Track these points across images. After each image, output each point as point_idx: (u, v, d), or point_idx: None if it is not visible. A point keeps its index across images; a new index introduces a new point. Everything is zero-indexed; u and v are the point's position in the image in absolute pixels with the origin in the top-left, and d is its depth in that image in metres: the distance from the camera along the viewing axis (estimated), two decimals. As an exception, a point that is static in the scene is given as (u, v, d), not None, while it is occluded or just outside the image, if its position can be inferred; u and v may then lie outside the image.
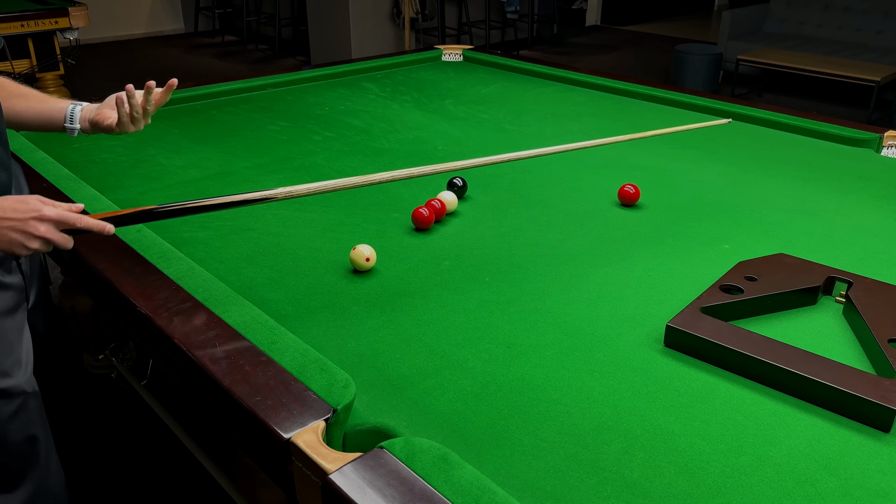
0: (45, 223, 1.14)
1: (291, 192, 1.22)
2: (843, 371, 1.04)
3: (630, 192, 1.70)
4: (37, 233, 1.14)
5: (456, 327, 1.22)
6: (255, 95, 2.57)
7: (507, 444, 0.96)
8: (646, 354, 1.15)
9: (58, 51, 4.21)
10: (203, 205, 1.19)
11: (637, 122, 2.34)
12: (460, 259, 1.46)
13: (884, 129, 2.13)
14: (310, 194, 1.23)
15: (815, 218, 1.65)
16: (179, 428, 1.80)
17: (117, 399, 2.26)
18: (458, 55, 3.14)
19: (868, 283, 1.28)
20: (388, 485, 0.81)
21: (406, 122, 2.34)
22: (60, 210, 1.16)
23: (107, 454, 2.08)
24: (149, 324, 1.15)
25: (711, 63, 5.64)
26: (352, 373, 1.05)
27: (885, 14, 5.99)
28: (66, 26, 4.10)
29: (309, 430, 0.90)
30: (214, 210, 1.20)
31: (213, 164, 1.95)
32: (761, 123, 2.29)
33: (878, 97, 5.10)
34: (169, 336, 1.10)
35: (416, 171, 1.31)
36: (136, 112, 1.32)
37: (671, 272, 1.41)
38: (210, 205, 1.19)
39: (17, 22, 3.93)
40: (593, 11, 9.15)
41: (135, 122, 1.33)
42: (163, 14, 8.07)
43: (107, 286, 1.27)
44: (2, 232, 1.12)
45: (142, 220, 1.24)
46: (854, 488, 0.89)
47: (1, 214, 1.11)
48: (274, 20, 7.15)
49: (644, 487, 0.88)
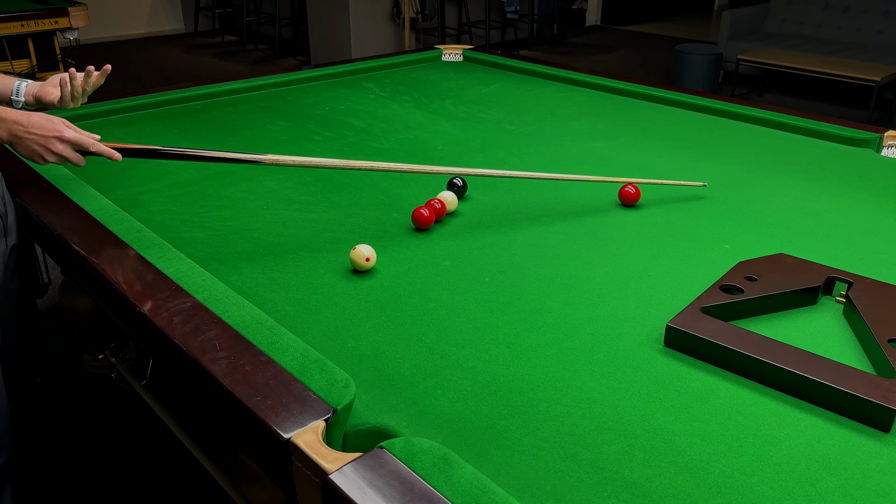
0: (64, 143, 1.40)
1: (278, 160, 1.44)
2: (843, 371, 1.04)
3: (631, 192, 1.70)
4: (55, 150, 1.40)
5: (456, 327, 1.22)
6: (255, 95, 2.57)
7: (507, 444, 0.96)
8: (646, 354, 1.15)
9: (58, 51, 4.21)
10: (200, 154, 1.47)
11: (637, 122, 2.34)
12: (460, 259, 1.46)
13: (884, 129, 2.13)
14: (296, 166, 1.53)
15: (815, 218, 1.65)
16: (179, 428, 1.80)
17: (117, 399, 2.26)
18: (458, 55, 3.14)
19: (868, 283, 1.28)
20: (388, 485, 0.81)
21: (406, 122, 2.34)
22: (78, 134, 1.41)
23: (107, 454, 2.08)
24: (149, 324, 1.15)
25: (711, 63, 5.64)
26: (352, 373, 1.05)
27: (885, 14, 5.99)
28: (66, 26, 4.10)
29: (309, 430, 0.90)
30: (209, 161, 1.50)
31: (212, 164, 1.95)
32: (761, 123, 2.29)
33: (878, 97, 5.10)
34: (169, 336, 1.10)
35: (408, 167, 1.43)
36: (77, 92, 1.56)
37: (671, 272, 1.41)
38: (205, 156, 1.47)
39: (17, 22, 3.94)
40: (593, 11, 9.15)
41: (74, 100, 1.57)
42: (163, 14, 8.07)
43: (107, 286, 1.27)
44: (27, 142, 1.38)
45: (146, 156, 1.49)
46: (854, 488, 0.89)
47: (29, 127, 1.37)
48: (274, 20, 7.15)
49: (644, 487, 0.88)
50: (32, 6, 4.16)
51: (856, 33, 6.16)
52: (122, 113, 2.31)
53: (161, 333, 1.12)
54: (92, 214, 1.50)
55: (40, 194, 1.60)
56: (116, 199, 1.66)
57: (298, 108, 2.44)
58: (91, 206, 1.54)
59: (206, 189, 1.79)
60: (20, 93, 1.59)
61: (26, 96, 1.59)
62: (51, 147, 1.40)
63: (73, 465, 2.04)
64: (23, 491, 1.94)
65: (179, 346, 1.08)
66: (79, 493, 1.95)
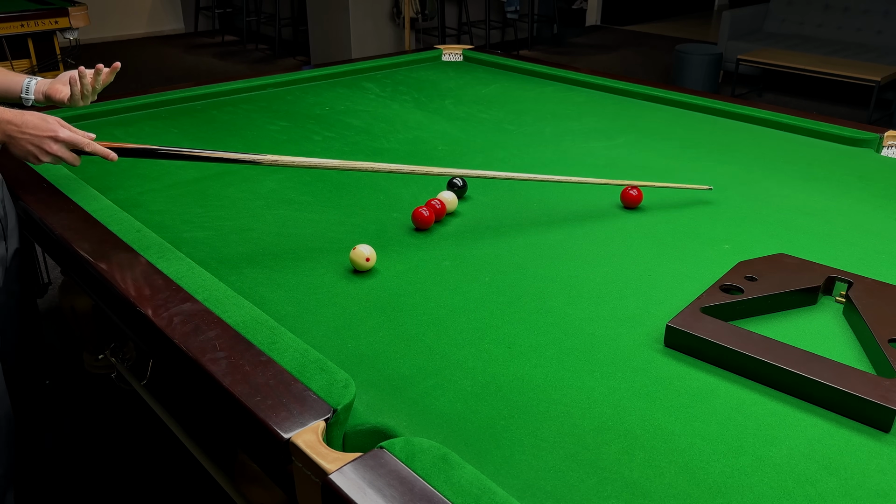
0: (59, 143, 1.37)
1: (277, 160, 1.42)
2: (843, 371, 1.04)
3: (633, 195, 1.70)
4: (50, 150, 1.38)
5: (456, 327, 1.22)
6: (255, 95, 2.57)
7: (507, 444, 0.96)
8: (646, 354, 1.15)
9: (58, 51, 4.21)
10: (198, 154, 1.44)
11: (637, 122, 2.34)
12: (460, 259, 1.46)
13: (884, 129, 2.13)
14: (294, 166, 1.45)
15: (815, 218, 1.65)
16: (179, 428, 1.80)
17: (117, 399, 2.26)
18: (458, 55, 3.14)
19: (868, 283, 1.28)
20: (388, 485, 0.81)
21: (406, 122, 2.34)
22: (73, 134, 1.39)
23: (107, 454, 2.08)
24: (149, 324, 1.15)
25: (711, 63, 5.64)
26: (352, 373, 1.05)
27: (885, 14, 5.99)
28: (66, 26, 4.10)
29: (309, 430, 0.90)
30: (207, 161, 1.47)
31: (212, 164, 1.95)
32: (761, 123, 2.29)
33: (878, 97, 5.10)
34: (169, 336, 1.10)
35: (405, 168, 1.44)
36: (87, 90, 1.53)
37: (671, 272, 1.41)
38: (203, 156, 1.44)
39: (17, 22, 3.94)
40: (593, 11, 9.15)
41: (84, 98, 1.54)
42: (163, 14, 8.07)
43: (107, 286, 1.27)
44: (21, 142, 1.36)
45: (143, 156, 1.47)
46: (854, 488, 0.89)
47: (23, 127, 1.35)
48: (274, 20, 7.15)
49: (644, 487, 0.88)
50: (32, 6, 4.16)
51: (856, 33, 6.16)
52: (122, 113, 2.31)
53: (161, 333, 1.12)
54: (92, 214, 1.50)
55: (40, 194, 1.60)
56: (116, 199, 1.66)
57: (298, 108, 2.44)
58: (91, 206, 1.54)
59: (205, 189, 1.79)
60: (30, 91, 1.56)
61: (36, 94, 1.56)
62: (45, 147, 1.38)
63: (74, 466, 2.04)
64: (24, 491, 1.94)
65: (179, 346, 1.08)
66: (79, 494, 1.95)
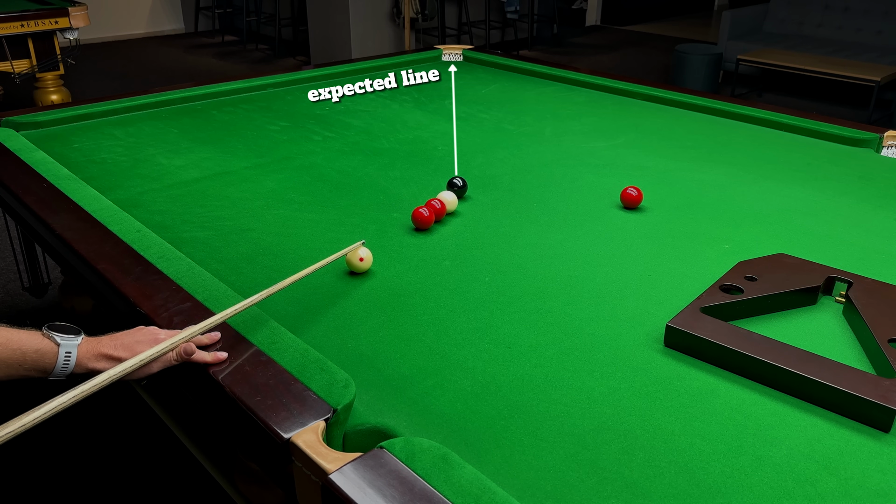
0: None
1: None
2: (843, 371, 1.04)
3: (633, 195, 1.69)
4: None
5: (456, 327, 1.22)
6: (255, 95, 2.57)
7: (507, 444, 0.96)
8: (646, 354, 1.15)
9: (58, 51, 4.21)
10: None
11: (637, 122, 2.34)
12: (460, 259, 1.46)
13: (884, 129, 2.13)
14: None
15: (815, 218, 1.65)
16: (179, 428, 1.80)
17: (117, 399, 2.26)
18: (458, 55, 3.14)
19: (868, 283, 1.28)
20: (388, 485, 0.81)
21: (406, 122, 2.34)
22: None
23: (107, 454, 2.08)
24: (149, 324, 1.15)
25: (711, 63, 5.64)
26: (352, 373, 1.05)
27: (885, 14, 5.99)
28: (66, 26, 4.10)
29: (309, 430, 0.90)
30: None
31: (212, 164, 1.95)
32: (761, 123, 2.29)
33: (878, 97, 5.10)
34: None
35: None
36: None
37: (671, 272, 1.41)
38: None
39: (17, 22, 3.94)
40: (593, 11, 9.15)
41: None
42: (163, 14, 8.07)
43: (107, 286, 1.27)
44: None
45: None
46: (854, 488, 0.89)
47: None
48: (274, 20, 7.15)
49: (644, 487, 0.88)
50: (32, 6, 4.16)
51: (856, 33, 6.16)
52: (122, 113, 2.31)
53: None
54: (92, 214, 1.50)
55: (41, 194, 1.60)
56: (116, 199, 1.66)
57: (298, 108, 2.44)
58: (91, 206, 1.54)
59: (205, 189, 1.79)
60: (71, 361, 1.03)
61: (80, 361, 1.03)
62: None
63: (74, 466, 2.04)
64: (24, 491, 1.94)
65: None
66: (79, 494, 1.95)
